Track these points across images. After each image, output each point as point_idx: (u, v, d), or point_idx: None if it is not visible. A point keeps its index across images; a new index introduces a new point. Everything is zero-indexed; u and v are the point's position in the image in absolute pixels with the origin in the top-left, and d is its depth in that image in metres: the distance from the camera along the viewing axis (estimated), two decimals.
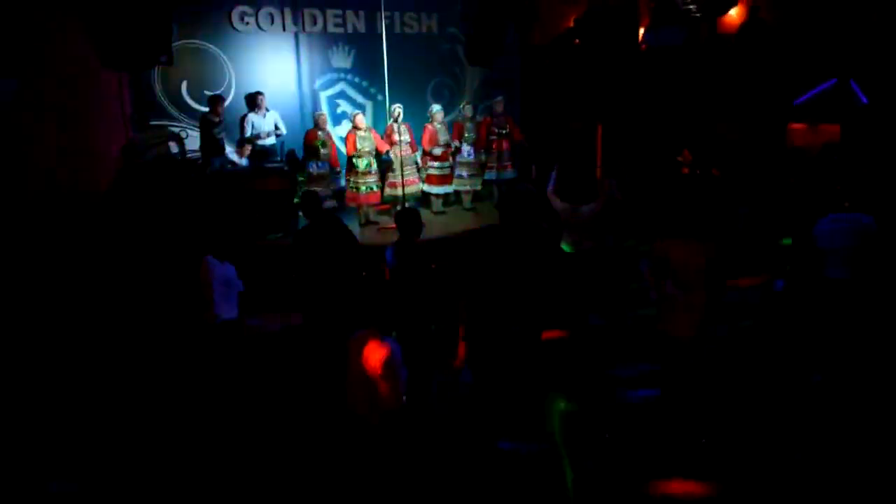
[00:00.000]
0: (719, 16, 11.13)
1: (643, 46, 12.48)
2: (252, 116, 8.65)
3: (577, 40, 12.34)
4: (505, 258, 4.79)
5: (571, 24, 12.53)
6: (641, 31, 12.62)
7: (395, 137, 8.48)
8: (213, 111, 8.32)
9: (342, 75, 9.93)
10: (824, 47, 9.11)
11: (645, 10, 12.65)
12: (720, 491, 4.08)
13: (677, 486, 4.14)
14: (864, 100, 8.03)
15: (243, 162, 8.71)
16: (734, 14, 12.48)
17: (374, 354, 3.52)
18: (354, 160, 8.42)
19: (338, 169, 8.80)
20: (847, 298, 5.19)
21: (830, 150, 8.57)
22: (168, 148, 8.75)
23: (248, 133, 8.63)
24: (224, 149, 8.57)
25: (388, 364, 3.48)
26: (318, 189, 8.33)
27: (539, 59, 11.76)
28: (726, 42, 12.06)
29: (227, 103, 8.72)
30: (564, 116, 12.08)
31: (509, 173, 9.30)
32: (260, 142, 8.72)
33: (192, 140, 8.83)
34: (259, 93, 8.66)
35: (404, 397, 3.68)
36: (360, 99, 9.98)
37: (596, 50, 12.12)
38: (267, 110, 8.76)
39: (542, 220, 6.60)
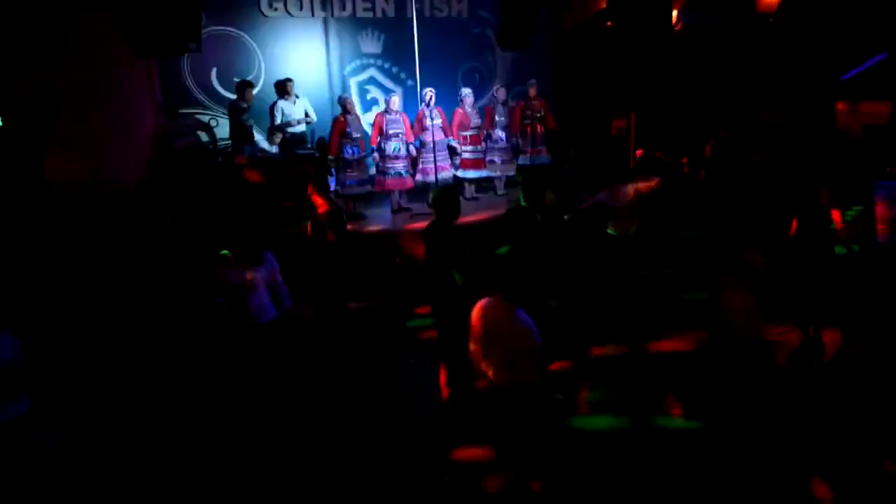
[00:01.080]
0: None
1: (678, 26, 12.16)
2: (282, 103, 8.54)
3: (610, 23, 12.06)
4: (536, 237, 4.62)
5: (604, 6, 12.24)
6: (675, 13, 12.31)
7: (427, 122, 8.31)
8: (242, 97, 8.22)
9: (372, 61, 9.79)
10: (872, 20, 8.75)
11: None
12: None
13: None
14: None
15: (274, 149, 8.61)
16: None
17: (510, 324, 3.35)
18: (382, 143, 8.27)
19: (368, 150, 8.59)
20: None
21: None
22: (198, 137, 8.69)
23: (277, 121, 8.52)
24: (253, 136, 8.48)
25: (527, 335, 3.31)
26: (353, 172, 8.24)
27: (571, 42, 11.50)
28: (765, 21, 11.70)
29: (256, 90, 8.63)
30: (598, 103, 11.82)
31: (544, 158, 9.09)
32: (290, 129, 8.61)
33: (222, 128, 8.77)
34: (288, 79, 8.54)
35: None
36: (390, 85, 9.82)
37: (629, 32, 11.83)
38: (297, 97, 8.64)
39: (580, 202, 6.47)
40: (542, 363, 3.48)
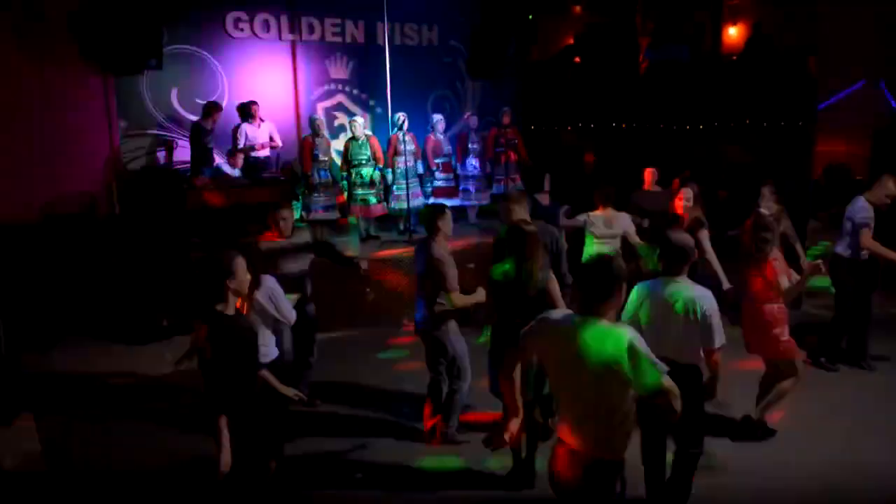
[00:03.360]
0: None
1: (644, 63, 12.29)
2: (246, 127, 8.16)
3: (578, 58, 12.13)
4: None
5: (571, 42, 12.33)
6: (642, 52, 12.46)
7: (401, 147, 8.03)
8: (208, 118, 7.83)
9: (340, 86, 9.51)
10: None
11: (642, 29, 12.52)
12: None
13: None
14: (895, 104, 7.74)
15: (235, 173, 8.20)
16: (735, 32, 12.35)
17: None
18: (352, 171, 7.94)
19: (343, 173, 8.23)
20: None
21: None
22: (156, 158, 8.24)
23: (241, 144, 8.14)
24: (214, 159, 8.06)
25: None
26: (320, 197, 7.87)
27: (539, 75, 11.47)
28: (730, 59, 11.90)
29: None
30: (567, 136, 11.79)
31: (518, 187, 8.87)
32: (254, 154, 8.22)
33: (181, 150, 8.31)
34: (253, 102, 8.18)
35: None
36: (358, 111, 9.53)
37: (596, 67, 11.90)
38: (261, 121, 8.29)
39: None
40: None
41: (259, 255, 4.41)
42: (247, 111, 8.20)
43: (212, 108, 7.90)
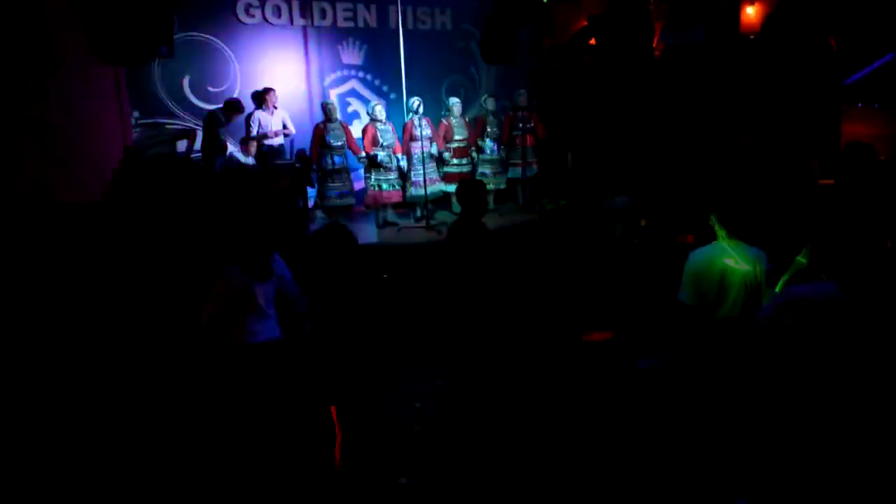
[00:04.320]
0: None
1: (660, 46, 12.07)
2: (259, 114, 8.05)
3: (593, 40, 11.91)
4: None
5: (585, 24, 12.10)
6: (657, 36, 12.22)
7: (416, 132, 7.88)
8: (229, 114, 7.74)
9: (353, 72, 9.37)
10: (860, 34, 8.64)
11: (656, 11, 12.28)
12: None
13: None
14: None
15: (249, 161, 8.08)
16: (753, 11, 12.10)
17: None
18: (377, 153, 7.80)
19: (360, 154, 8.07)
20: None
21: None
22: (173, 146, 8.13)
23: (254, 132, 8.02)
24: (227, 148, 7.95)
25: None
26: (335, 183, 7.75)
27: (555, 58, 11.28)
28: (749, 41, 11.64)
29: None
30: (579, 119, 11.58)
31: (534, 171, 8.72)
32: (267, 142, 8.11)
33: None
34: (269, 89, 8.06)
35: None
36: (372, 97, 9.40)
37: (611, 50, 11.69)
38: (275, 108, 8.16)
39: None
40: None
41: None
42: (261, 98, 8.10)
43: (234, 108, 7.79)
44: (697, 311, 3.39)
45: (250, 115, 8.06)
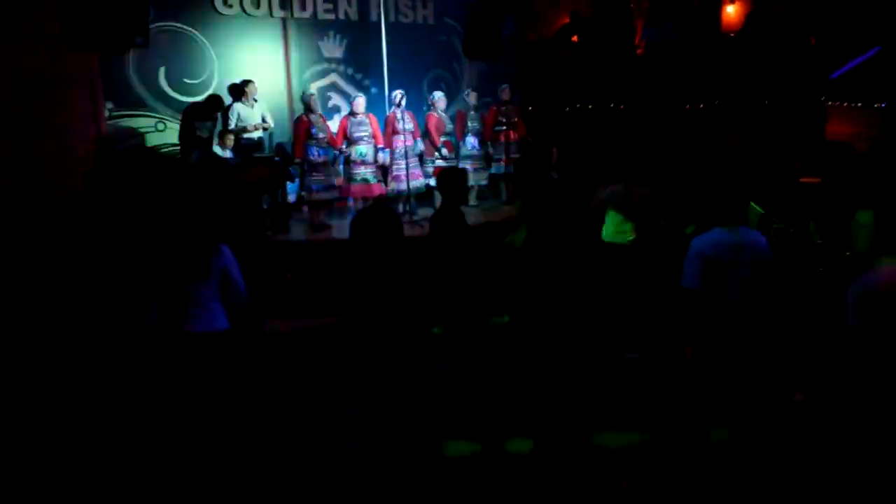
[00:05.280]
0: None
1: (641, 43, 12.08)
2: (238, 106, 7.86)
3: (575, 37, 11.90)
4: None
5: (567, 21, 12.09)
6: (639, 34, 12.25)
7: (399, 126, 7.76)
8: (209, 111, 7.56)
9: (334, 66, 9.22)
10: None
11: (637, 9, 12.31)
12: None
13: None
14: None
15: (227, 154, 7.90)
16: (733, 10, 12.16)
17: None
18: (347, 148, 7.65)
19: (338, 150, 7.95)
20: None
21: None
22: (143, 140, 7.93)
23: (232, 124, 7.84)
24: (208, 142, 7.75)
25: None
26: (319, 176, 7.60)
27: (538, 54, 11.24)
28: (729, 37, 11.71)
29: (210, 91, 8.00)
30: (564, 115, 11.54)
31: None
32: (246, 135, 7.93)
33: (170, 133, 8.00)
34: (248, 81, 7.89)
35: None
36: (352, 91, 9.24)
37: (593, 48, 11.68)
38: (255, 101, 7.99)
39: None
40: None
41: None
42: (240, 91, 7.91)
43: (215, 106, 7.61)
44: (704, 297, 3.47)
45: (229, 107, 7.87)
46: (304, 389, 4.54)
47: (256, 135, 8.05)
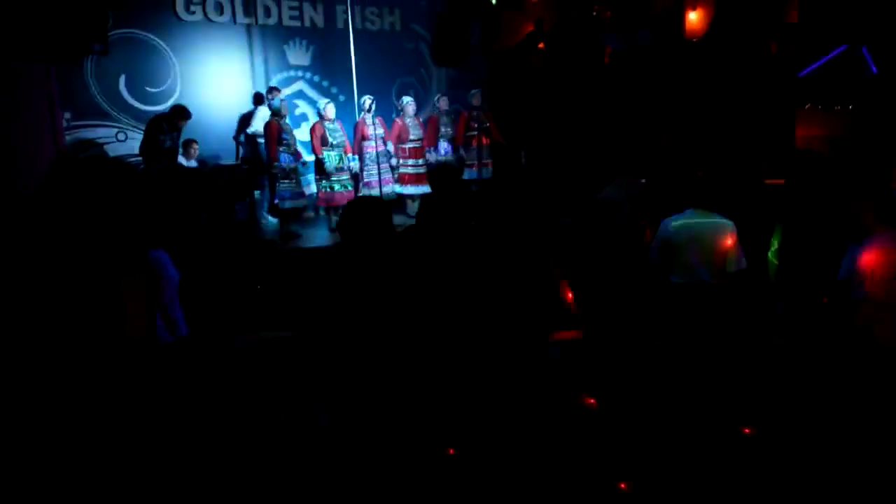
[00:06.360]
0: None
1: (608, 50, 12.13)
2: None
3: (542, 44, 11.90)
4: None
5: (532, 28, 12.09)
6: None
7: (369, 132, 7.61)
8: (174, 122, 7.31)
9: (300, 73, 9.06)
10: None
11: (599, 16, 12.37)
12: None
13: None
14: (875, 69, 7.63)
15: (192, 164, 7.68)
16: (696, 17, 12.29)
17: None
18: (325, 154, 7.46)
19: (302, 160, 7.77)
20: None
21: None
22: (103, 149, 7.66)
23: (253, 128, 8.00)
24: (173, 152, 7.51)
25: None
26: (290, 183, 7.41)
27: (505, 61, 11.20)
28: (693, 45, 11.80)
29: (172, 100, 7.77)
30: (531, 120, 11.51)
31: (490, 172, 8.55)
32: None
33: (130, 143, 7.75)
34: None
35: None
36: (320, 99, 9.07)
37: (560, 55, 11.70)
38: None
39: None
40: None
41: None
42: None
43: (179, 116, 7.36)
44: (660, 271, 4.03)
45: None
46: (274, 400, 4.34)
47: None
